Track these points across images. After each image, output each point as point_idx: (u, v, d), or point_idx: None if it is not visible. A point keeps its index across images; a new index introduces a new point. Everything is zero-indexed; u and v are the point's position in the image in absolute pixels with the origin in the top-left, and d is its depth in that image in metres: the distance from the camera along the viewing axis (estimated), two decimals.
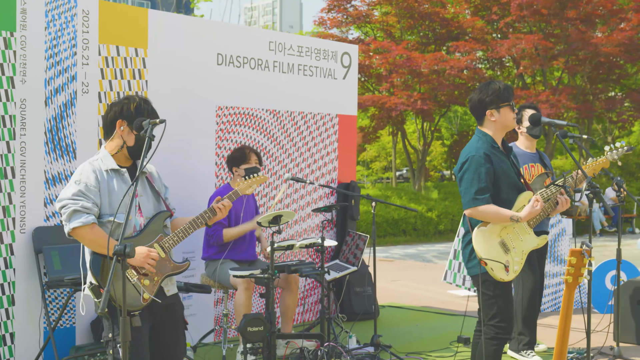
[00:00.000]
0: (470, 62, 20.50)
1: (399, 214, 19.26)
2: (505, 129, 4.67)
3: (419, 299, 9.47)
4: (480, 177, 4.46)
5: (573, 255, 3.36)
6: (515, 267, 4.48)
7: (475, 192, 4.45)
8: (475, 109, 4.70)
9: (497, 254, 4.44)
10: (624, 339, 6.83)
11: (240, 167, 6.30)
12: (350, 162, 8.25)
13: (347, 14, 22.01)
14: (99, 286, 3.91)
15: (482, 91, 4.64)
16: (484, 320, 4.60)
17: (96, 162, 4.09)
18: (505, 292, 4.55)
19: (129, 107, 4.06)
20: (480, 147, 4.53)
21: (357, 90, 7.83)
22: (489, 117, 4.62)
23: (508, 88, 4.64)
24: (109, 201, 4.02)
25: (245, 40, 7.14)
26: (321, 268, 5.97)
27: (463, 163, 4.55)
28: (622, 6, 21.98)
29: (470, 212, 4.49)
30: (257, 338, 5.39)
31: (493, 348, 4.58)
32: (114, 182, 4.05)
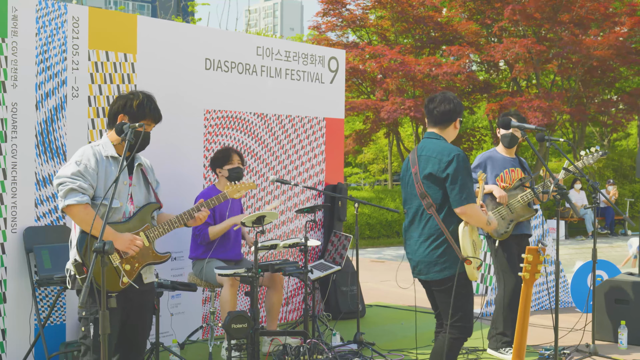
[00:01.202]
0: (464, 66, 20.64)
1: (392, 216, 19.41)
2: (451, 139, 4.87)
3: (407, 299, 9.61)
4: (470, 175, 4.61)
5: (529, 252, 3.53)
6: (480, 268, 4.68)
7: (469, 189, 4.54)
8: (446, 116, 4.80)
9: (475, 254, 4.61)
10: (600, 337, 7.00)
11: (224, 167, 6.48)
12: (337, 164, 8.42)
13: (342, 17, 22.16)
14: (82, 264, 4.11)
15: (453, 101, 4.82)
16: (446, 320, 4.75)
17: (97, 147, 4.30)
18: (470, 292, 4.73)
19: (132, 103, 4.28)
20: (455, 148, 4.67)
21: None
22: (455, 125, 4.81)
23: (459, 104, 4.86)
24: (104, 185, 4.23)
25: (234, 45, 7.31)
26: (304, 267, 6.15)
27: (449, 162, 4.57)
28: (615, 10, 22.14)
29: (462, 210, 4.53)
30: (241, 335, 5.56)
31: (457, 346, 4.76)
32: (111, 169, 4.26)
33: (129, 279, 4.22)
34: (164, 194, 6.54)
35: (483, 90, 22.65)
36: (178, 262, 6.91)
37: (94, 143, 4.38)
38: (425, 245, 4.70)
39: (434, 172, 4.64)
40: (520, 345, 3.58)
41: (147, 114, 4.33)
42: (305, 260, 6.17)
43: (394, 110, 19.51)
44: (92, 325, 4.06)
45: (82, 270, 4.12)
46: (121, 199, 4.29)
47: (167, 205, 6.62)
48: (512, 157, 6.49)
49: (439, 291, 4.73)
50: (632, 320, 6.93)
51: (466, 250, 4.54)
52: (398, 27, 22.30)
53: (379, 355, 6.44)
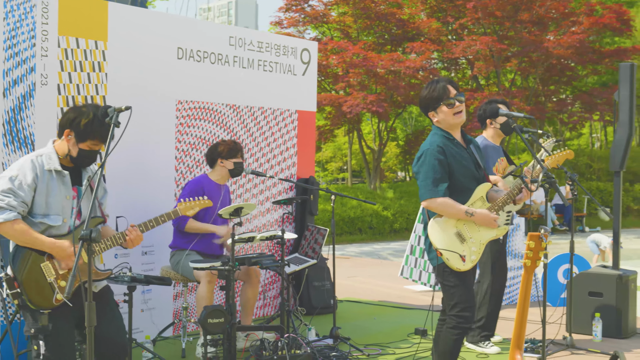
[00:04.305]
0: (426, 63, 20.70)
1: (355, 213, 19.38)
2: (453, 126, 4.71)
3: (376, 294, 9.57)
4: (434, 168, 4.55)
5: (532, 239, 3.47)
6: (472, 257, 4.58)
7: (431, 183, 4.54)
8: (423, 112, 4.83)
9: (453, 245, 4.54)
10: (575, 330, 6.99)
11: (230, 160, 6.37)
12: (309, 157, 8.31)
13: (305, 13, 22.07)
14: (13, 278, 3.98)
15: (421, 94, 4.76)
16: (446, 310, 4.69)
17: (40, 158, 4.12)
18: (465, 282, 4.63)
19: (80, 121, 4.07)
20: (435, 141, 4.63)
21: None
22: (432, 117, 4.74)
23: (439, 88, 4.66)
24: (45, 201, 4.07)
25: (206, 35, 7.15)
26: (281, 260, 6.03)
27: (419, 157, 4.66)
28: (573, 10, 22.40)
29: (428, 204, 4.58)
30: (217, 330, 5.41)
31: (454, 337, 4.66)
32: (54, 183, 4.10)
33: (63, 297, 4.01)
34: (134, 188, 6.43)
35: None
36: (149, 256, 6.74)
37: (37, 153, 4.19)
38: (424, 233, 4.72)
39: (412, 168, 4.78)
40: (520, 335, 3.51)
41: (93, 135, 4.10)
42: (282, 253, 6.05)
43: (356, 105, 19.49)
44: (42, 343, 3.94)
45: (14, 285, 3.97)
46: (64, 215, 4.12)
47: (137, 199, 6.49)
48: (498, 146, 6.46)
49: (436, 278, 4.70)
50: (606, 313, 6.95)
51: (436, 243, 4.49)
52: (360, 23, 22.28)
53: (356, 350, 6.35)
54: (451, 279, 4.60)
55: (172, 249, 6.44)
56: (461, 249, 4.54)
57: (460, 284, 4.61)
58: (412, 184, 25.67)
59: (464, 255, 4.54)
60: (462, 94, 4.68)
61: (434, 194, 4.53)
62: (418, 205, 20.66)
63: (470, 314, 4.65)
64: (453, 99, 4.62)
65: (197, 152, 7.07)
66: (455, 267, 4.53)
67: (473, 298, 4.71)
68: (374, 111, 19.92)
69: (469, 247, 4.58)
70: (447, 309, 4.69)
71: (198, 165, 7.08)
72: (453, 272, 4.57)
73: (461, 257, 4.53)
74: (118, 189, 6.09)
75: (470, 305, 4.65)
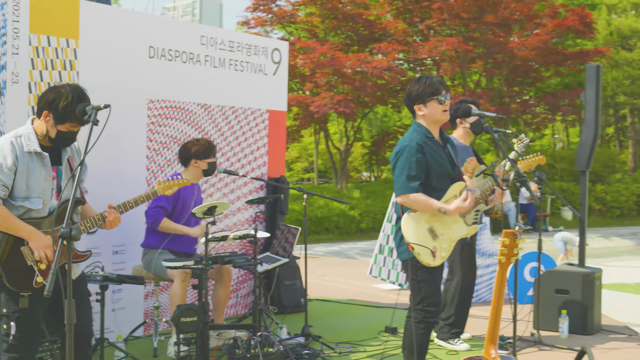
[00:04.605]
0: (393, 63, 20.83)
1: (322, 212, 19.43)
2: (436, 123, 4.83)
3: (345, 293, 9.63)
4: (411, 165, 4.64)
5: (506, 236, 3.54)
6: (442, 254, 4.66)
7: (405, 179, 4.63)
8: (406, 103, 4.92)
9: (425, 240, 4.61)
10: (542, 327, 7.11)
11: (204, 160, 6.38)
12: (279, 157, 8.34)
13: (272, 13, 22.07)
14: None
15: (411, 86, 4.84)
16: (412, 305, 4.76)
17: (20, 139, 4.06)
18: (433, 277, 4.71)
19: (59, 103, 4.03)
20: (414, 138, 4.71)
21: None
22: (418, 111, 4.81)
23: (435, 83, 4.78)
24: (26, 184, 4.02)
25: (177, 34, 7.15)
26: (254, 259, 6.05)
27: (397, 152, 4.74)
28: (537, 12, 22.70)
29: (401, 200, 4.67)
30: (190, 328, 5.43)
31: (421, 332, 4.75)
32: (34, 165, 4.04)
33: (43, 279, 4.00)
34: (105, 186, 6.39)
35: None
36: (120, 255, 6.72)
37: (17, 133, 4.11)
38: (396, 227, 4.80)
39: (390, 161, 4.86)
40: (494, 330, 3.58)
41: (72, 117, 4.05)
42: (255, 252, 6.08)
43: (324, 105, 19.55)
44: (13, 324, 3.92)
45: None
46: (44, 197, 4.08)
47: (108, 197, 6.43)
48: (467, 146, 6.55)
49: (405, 273, 4.77)
50: (572, 310, 7.07)
51: (408, 237, 4.57)
52: (328, 24, 22.35)
53: (327, 348, 6.40)
54: (420, 274, 4.68)
55: (144, 248, 6.43)
56: (432, 244, 4.62)
57: (428, 279, 4.70)
58: (378, 184, 25.81)
59: (434, 251, 4.62)
60: (448, 94, 4.78)
61: (409, 190, 4.60)
62: (385, 205, 20.77)
63: (436, 309, 4.73)
64: (444, 96, 4.72)
65: (168, 151, 7.07)
66: (426, 262, 4.60)
67: (440, 293, 4.80)
68: (341, 111, 20.01)
69: (440, 243, 4.66)
70: (413, 303, 4.75)
71: (169, 164, 7.07)
72: (423, 267, 4.65)
73: (432, 253, 4.60)
74: (89, 187, 6.05)
75: (437, 301, 4.74)
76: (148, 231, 6.41)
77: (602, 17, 28.51)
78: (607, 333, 7.18)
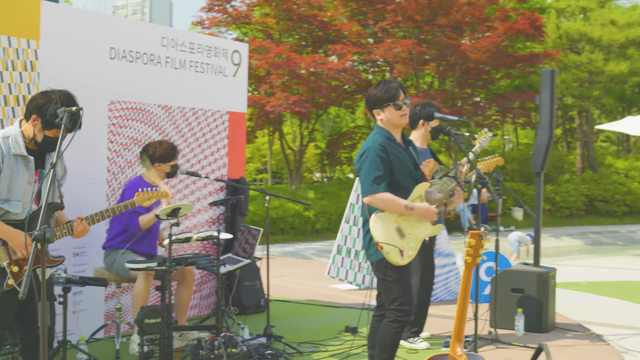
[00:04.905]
0: (348, 65, 20.97)
1: (277, 213, 19.46)
2: (395, 127, 4.93)
3: (304, 293, 9.69)
4: (376, 166, 4.74)
5: (472, 237, 3.64)
6: (410, 252, 4.77)
7: (372, 180, 4.73)
8: (367, 107, 5.02)
9: (393, 239, 4.71)
10: (499, 325, 7.26)
11: (167, 163, 6.39)
12: (239, 158, 8.37)
13: (227, 14, 22.03)
14: None
15: (370, 91, 4.94)
16: (385, 305, 4.85)
17: (7, 140, 4.06)
18: (403, 276, 4.81)
19: (48, 108, 4.04)
20: (377, 140, 4.82)
21: None
22: (377, 115, 4.92)
23: (392, 88, 4.88)
24: (7, 186, 4.01)
25: (139, 35, 7.14)
26: (217, 260, 6.08)
27: (361, 155, 4.84)
28: (489, 15, 23.06)
29: (369, 200, 4.75)
30: (154, 330, 5.45)
31: (394, 331, 4.83)
32: (18, 167, 4.05)
33: (15, 282, 4.02)
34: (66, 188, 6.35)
35: (364, 91, 23.06)
36: (80, 257, 6.68)
37: (4, 133, 4.11)
38: (364, 229, 4.87)
39: (355, 165, 4.96)
40: (460, 329, 3.68)
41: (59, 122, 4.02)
42: (218, 253, 6.11)
43: (279, 105, 19.59)
44: None
45: None
46: (25, 201, 4.08)
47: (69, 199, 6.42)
48: (425, 148, 6.66)
49: (375, 274, 4.85)
50: (527, 308, 7.24)
51: (380, 236, 4.66)
52: (282, 25, 22.40)
53: (290, 348, 6.45)
54: (390, 274, 4.77)
55: (105, 249, 6.42)
56: (400, 243, 4.72)
57: (399, 279, 4.79)
58: (332, 185, 25.93)
59: (402, 250, 4.72)
60: (408, 98, 4.88)
61: (375, 190, 4.69)
62: (339, 205, 20.90)
63: (409, 308, 4.83)
64: (402, 102, 4.82)
65: (129, 152, 7.05)
66: (394, 261, 4.70)
67: (411, 292, 4.89)
68: (297, 111, 20.08)
69: (408, 242, 4.76)
70: (386, 304, 4.85)
71: (130, 165, 7.06)
72: (393, 267, 4.74)
73: (400, 252, 4.71)
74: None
75: (409, 299, 4.84)
76: (110, 232, 6.39)
77: (552, 20, 29.08)
78: (561, 331, 7.37)
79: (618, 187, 26.20)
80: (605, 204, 25.97)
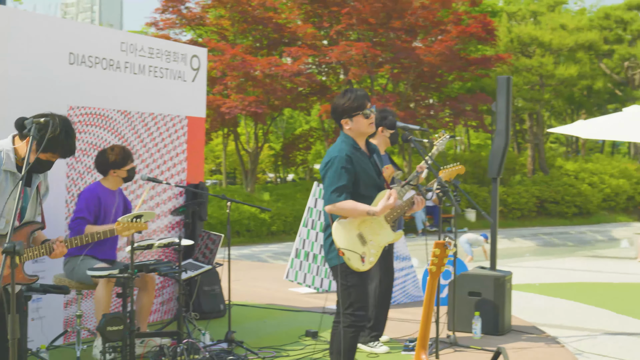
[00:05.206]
0: (304, 67, 21.02)
1: (232, 216, 19.41)
2: (362, 135, 5.01)
3: (262, 297, 9.71)
4: (340, 176, 4.80)
5: (437, 247, 3.72)
6: (370, 259, 4.85)
7: (334, 189, 4.79)
8: (333, 117, 5.07)
9: (355, 245, 4.79)
10: (456, 328, 7.38)
11: (122, 169, 6.37)
12: (198, 163, 8.37)
13: (182, 15, 21.91)
14: None
15: (337, 100, 5.00)
16: (342, 309, 4.92)
17: (0, 154, 4.05)
18: (362, 282, 4.89)
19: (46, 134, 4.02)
20: (343, 149, 4.87)
21: None
22: (345, 125, 4.98)
23: (360, 97, 4.95)
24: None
25: (98, 40, 7.10)
26: (179, 266, 6.09)
27: (326, 162, 4.90)
28: (442, 19, 23.31)
29: (330, 209, 4.82)
30: (116, 337, 5.43)
31: (350, 336, 4.91)
32: (7, 184, 4.06)
33: None
34: None
35: (319, 93, 23.13)
36: (39, 264, 6.61)
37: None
38: (325, 234, 4.95)
39: (320, 171, 5.00)
40: (425, 335, 3.76)
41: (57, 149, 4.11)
42: (179, 259, 6.12)
43: (235, 107, 19.57)
44: None
45: None
46: (8, 217, 4.06)
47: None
48: (384, 154, 6.75)
49: (334, 279, 4.91)
50: (484, 311, 7.37)
51: (342, 243, 4.72)
52: (237, 27, 22.36)
53: (251, 353, 6.48)
54: (350, 279, 4.84)
55: (65, 256, 6.37)
56: (362, 250, 4.80)
57: (358, 284, 4.87)
58: (287, 187, 25.96)
59: (364, 256, 4.79)
60: (374, 106, 4.96)
61: (337, 200, 4.76)
62: (295, 208, 20.95)
63: (364, 313, 4.91)
64: (369, 110, 4.89)
65: (88, 158, 7.01)
66: (355, 267, 4.77)
67: (368, 298, 4.97)
68: (253, 112, 20.06)
69: (369, 249, 4.84)
70: (342, 308, 4.91)
71: (89, 171, 7.02)
72: (353, 272, 4.82)
73: (361, 258, 4.78)
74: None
75: (365, 305, 4.92)
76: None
77: (503, 24, 29.52)
78: (516, 333, 7.51)
79: (568, 188, 26.70)
80: (556, 205, 26.45)
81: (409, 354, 6.65)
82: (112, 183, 6.48)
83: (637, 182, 29.14)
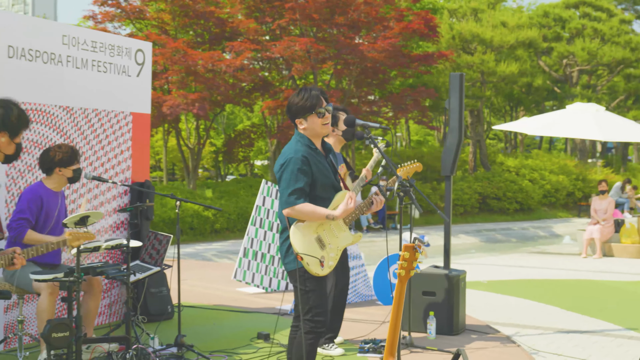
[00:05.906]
0: (247, 62, 20.76)
1: (175, 213, 19.06)
2: (317, 135, 4.84)
3: (210, 298, 9.49)
4: (297, 178, 4.63)
5: (406, 250, 3.58)
6: (330, 263, 4.70)
7: (291, 192, 4.62)
8: (288, 116, 4.88)
9: (314, 250, 4.63)
10: (411, 328, 7.27)
11: (68, 168, 6.11)
12: (144, 161, 8.09)
13: (121, 8, 21.40)
14: None
15: (291, 100, 4.81)
16: (301, 315, 4.76)
17: None
18: (320, 286, 4.74)
19: (10, 117, 3.82)
20: (299, 150, 4.70)
21: None
22: (299, 125, 4.81)
23: (314, 97, 4.77)
24: None
25: (38, 33, 6.79)
26: (127, 269, 5.85)
27: (282, 164, 4.71)
28: (384, 15, 23.28)
29: (288, 212, 4.64)
30: (62, 344, 5.19)
31: (309, 342, 4.76)
32: None
33: None
34: None
35: (262, 89, 22.89)
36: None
37: None
38: (282, 238, 4.78)
39: (275, 172, 4.81)
40: (393, 341, 3.62)
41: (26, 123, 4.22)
42: (127, 262, 5.87)
43: (177, 105, 19.21)
44: None
45: None
46: None
47: None
48: (338, 153, 6.59)
49: (292, 283, 4.75)
50: (439, 311, 7.28)
51: (297, 247, 4.57)
52: (178, 21, 21.97)
53: (203, 358, 6.27)
54: (308, 284, 4.69)
55: None
56: (321, 254, 4.64)
57: (316, 289, 4.72)
58: (230, 184, 25.64)
59: (323, 261, 4.64)
60: (330, 104, 4.79)
61: (294, 203, 4.59)
62: (238, 205, 20.68)
63: (324, 319, 4.77)
64: (324, 109, 4.72)
65: (29, 156, 6.70)
66: (314, 272, 4.61)
67: (327, 303, 4.82)
68: (196, 113, 19.74)
69: (328, 252, 4.69)
70: (301, 313, 4.76)
71: (30, 169, 6.71)
72: (311, 277, 4.67)
73: (320, 262, 4.62)
74: None
75: (325, 310, 4.77)
76: (9, 243, 6.04)
77: (445, 21, 29.70)
78: (471, 333, 7.45)
79: (509, 184, 27.01)
80: (498, 201, 26.73)
81: (365, 355, 6.52)
82: (56, 183, 6.20)
83: (577, 179, 29.66)
